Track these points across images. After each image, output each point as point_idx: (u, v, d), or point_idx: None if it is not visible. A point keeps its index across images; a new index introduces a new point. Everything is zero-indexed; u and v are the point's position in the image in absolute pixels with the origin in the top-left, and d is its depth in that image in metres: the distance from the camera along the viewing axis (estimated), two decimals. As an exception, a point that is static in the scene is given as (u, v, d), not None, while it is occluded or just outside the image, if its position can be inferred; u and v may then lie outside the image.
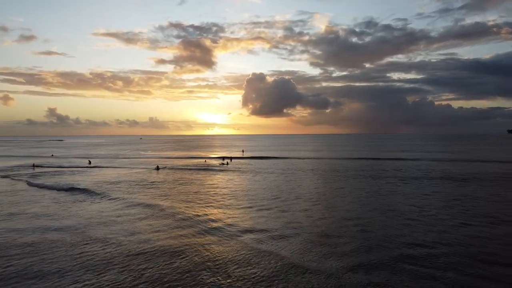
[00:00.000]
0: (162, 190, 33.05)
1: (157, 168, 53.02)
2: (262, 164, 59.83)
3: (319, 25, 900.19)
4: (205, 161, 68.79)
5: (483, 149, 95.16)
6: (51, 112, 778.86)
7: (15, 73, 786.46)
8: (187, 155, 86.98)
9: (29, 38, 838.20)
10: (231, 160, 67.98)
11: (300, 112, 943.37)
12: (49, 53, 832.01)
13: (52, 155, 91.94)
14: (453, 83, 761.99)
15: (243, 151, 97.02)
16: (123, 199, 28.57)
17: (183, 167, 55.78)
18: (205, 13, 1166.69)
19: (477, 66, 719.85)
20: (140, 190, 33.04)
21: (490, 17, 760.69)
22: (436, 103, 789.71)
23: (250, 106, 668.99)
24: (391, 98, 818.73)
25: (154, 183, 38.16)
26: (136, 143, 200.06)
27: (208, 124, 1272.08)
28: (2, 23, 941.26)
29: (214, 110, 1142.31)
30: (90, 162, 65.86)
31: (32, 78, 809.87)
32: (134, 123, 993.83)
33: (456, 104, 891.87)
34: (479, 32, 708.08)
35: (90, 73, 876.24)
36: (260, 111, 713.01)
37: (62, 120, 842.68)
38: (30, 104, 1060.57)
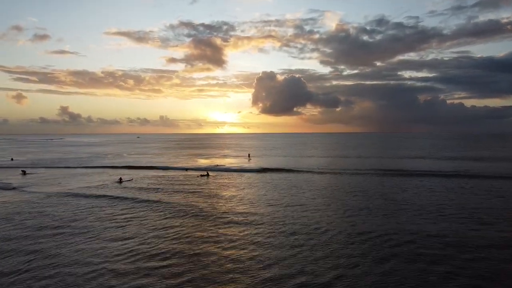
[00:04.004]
0: None
1: (120, 181, 40.50)
2: (259, 180, 40.72)
3: (330, 24, 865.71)
4: (187, 171, 53.34)
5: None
6: (64, 110, 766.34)
7: (28, 72, 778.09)
8: (171, 163, 68.65)
9: (43, 37, 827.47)
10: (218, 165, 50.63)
11: (310, 110, 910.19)
12: (62, 52, 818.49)
13: (12, 159, 77.20)
14: (466, 82, 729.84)
15: (249, 155, 79.91)
16: None
17: (149, 184, 39.31)
18: (216, 12, 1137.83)
19: (491, 64, 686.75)
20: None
21: (504, 15, 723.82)
22: (448, 101, 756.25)
23: (260, 104, 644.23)
24: (403, 96, 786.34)
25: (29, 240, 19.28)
26: (130, 142, 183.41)
27: (218, 122, 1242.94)
28: (17, 23, 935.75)
29: (224, 108, 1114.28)
30: (24, 173, 48.68)
31: (45, 77, 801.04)
32: (145, 122, 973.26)
33: (468, 102, 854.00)
34: (492, 30, 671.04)
35: (102, 72, 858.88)
36: (270, 110, 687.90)
37: (74, 118, 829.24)
38: (43, 103, 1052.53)
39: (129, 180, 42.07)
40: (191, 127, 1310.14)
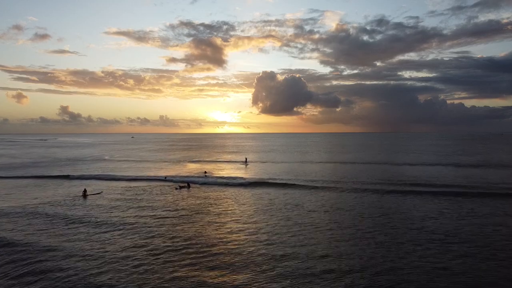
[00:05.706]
0: None
1: (84, 195, 33.90)
2: (250, 198, 31.33)
3: (330, 23, 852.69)
4: (165, 179, 45.20)
5: None
6: (64, 110, 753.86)
7: (28, 72, 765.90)
8: (151, 169, 59.70)
9: (44, 37, 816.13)
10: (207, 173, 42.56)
11: (310, 110, 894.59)
12: (62, 51, 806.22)
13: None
14: (466, 82, 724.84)
15: (246, 159, 71.75)
16: None
17: (110, 202, 30.52)
18: (216, 12, 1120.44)
19: (491, 64, 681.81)
20: None
21: (504, 15, 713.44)
22: (448, 101, 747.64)
23: (260, 104, 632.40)
24: (403, 96, 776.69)
25: None
26: (122, 143, 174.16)
27: (218, 122, 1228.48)
28: (17, 22, 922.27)
29: (224, 108, 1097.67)
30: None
31: (45, 77, 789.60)
32: (145, 121, 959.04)
33: (469, 103, 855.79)
34: (493, 30, 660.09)
35: (102, 72, 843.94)
36: (270, 110, 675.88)
37: (74, 118, 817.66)
38: (43, 102, 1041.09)
39: (97, 194, 34.95)
40: (191, 127, 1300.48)
